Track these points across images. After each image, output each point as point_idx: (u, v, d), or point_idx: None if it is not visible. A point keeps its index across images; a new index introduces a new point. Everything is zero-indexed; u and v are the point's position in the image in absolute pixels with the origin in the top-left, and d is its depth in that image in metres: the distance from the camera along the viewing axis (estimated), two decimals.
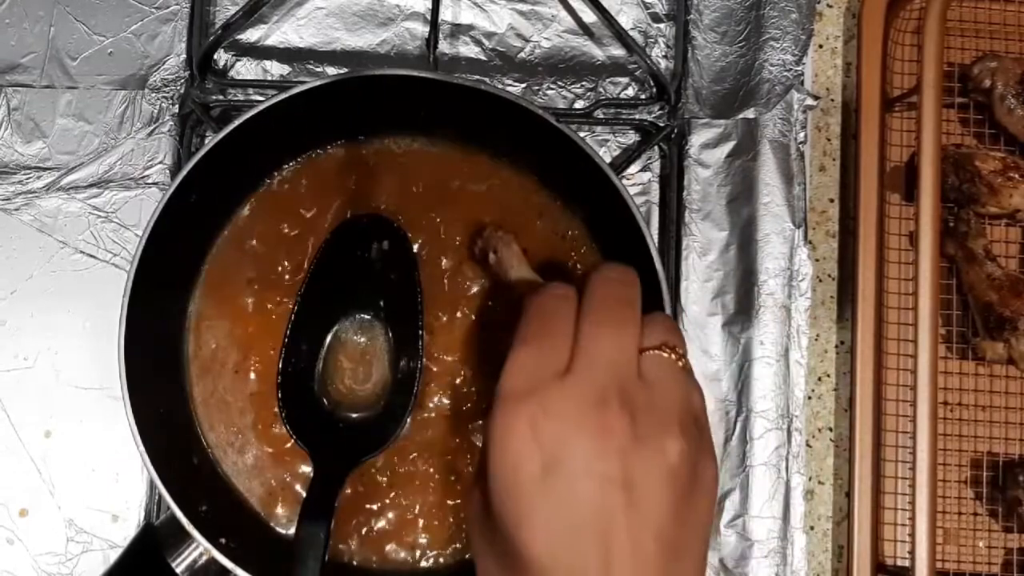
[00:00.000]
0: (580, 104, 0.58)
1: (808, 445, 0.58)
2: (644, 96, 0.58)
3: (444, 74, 0.53)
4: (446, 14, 0.58)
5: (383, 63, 0.58)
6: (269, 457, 0.51)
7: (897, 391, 0.57)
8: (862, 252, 0.56)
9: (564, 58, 0.59)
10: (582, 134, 0.53)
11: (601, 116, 0.57)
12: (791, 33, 0.58)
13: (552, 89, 0.58)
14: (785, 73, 0.57)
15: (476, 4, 0.59)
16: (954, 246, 0.58)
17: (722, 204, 0.57)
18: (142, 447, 0.46)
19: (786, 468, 0.54)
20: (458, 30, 0.59)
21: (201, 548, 0.46)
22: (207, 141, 0.48)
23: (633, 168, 0.58)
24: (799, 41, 0.58)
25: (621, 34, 0.57)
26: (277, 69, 0.58)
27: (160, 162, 0.57)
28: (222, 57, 0.58)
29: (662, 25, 0.59)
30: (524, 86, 0.58)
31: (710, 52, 0.58)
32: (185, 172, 0.47)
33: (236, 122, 0.48)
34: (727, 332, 0.56)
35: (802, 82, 0.58)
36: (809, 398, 0.58)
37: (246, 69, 0.58)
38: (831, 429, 0.58)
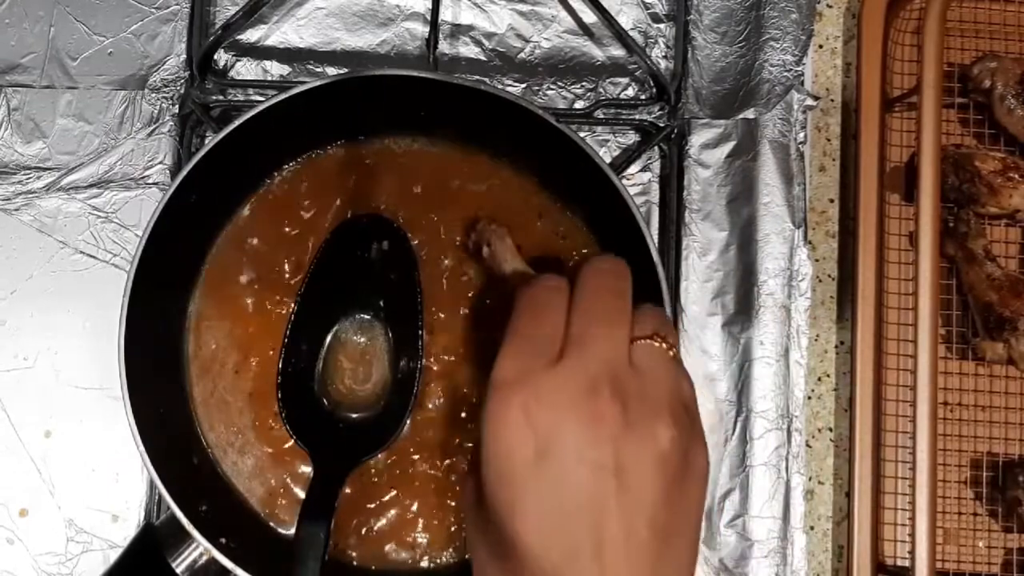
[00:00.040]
0: (580, 104, 0.58)
1: (808, 445, 0.58)
2: (644, 96, 0.58)
3: (444, 74, 0.53)
4: (446, 14, 0.58)
5: (383, 63, 0.58)
6: (269, 457, 0.51)
7: (897, 391, 0.57)
8: (862, 252, 0.56)
9: (564, 58, 0.59)
10: (582, 134, 0.53)
11: (601, 116, 0.57)
12: (791, 33, 0.58)
13: (552, 89, 0.58)
14: (785, 73, 0.57)
15: (476, 4, 0.59)
16: (954, 246, 0.58)
17: (722, 204, 0.57)
18: (142, 447, 0.46)
19: (786, 468, 0.54)
20: (458, 30, 0.59)
21: (201, 548, 0.46)
22: (207, 141, 0.48)
23: (633, 168, 0.58)
24: (799, 41, 0.58)
25: (621, 34, 0.57)
26: (277, 69, 0.58)
27: (160, 162, 0.57)
28: (222, 57, 0.58)
29: (662, 25, 0.59)
30: (524, 86, 0.58)
31: (710, 52, 0.58)
32: (185, 172, 0.47)
33: (236, 122, 0.48)
34: (727, 332, 0.56)
35: (802, 82, 0.58)
36: (809, 398, 0.58)
37: (246, 69, 0.58)
38: (831, 429, 0.58)
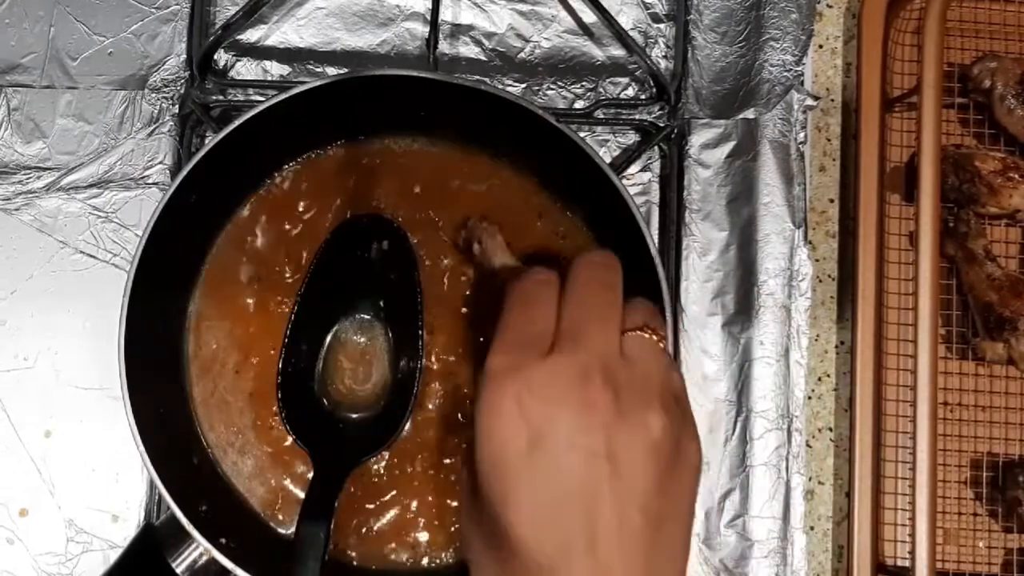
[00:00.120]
0: (580, 104, 0.58)
1: (808, 445, 0.58)
2: (644, 96, 0.58)
3: (444, 74, 0.53)
4: (446, 14, 0.58)
5: (383, 63, 0.58)
6: (269, 457, 0.51)
7: (897, 391, 0.57)
8: (862, 252, 0.56)
9: (564, 58, 0.59)
10: (582, 134, 0.53)
11: (601, 116, 0.57)
12: (791, 33, 0.58)
13: (552, 89, 0.58)
14: (785, 73, 0.57)
15: (476, 4, 0.59)
16: (954, 246, 0.58)
17: (722, 204, 0.57)
18: (142, 447, 0.46)
19: (786, 468, 0.54)
20: (458, 30, 0.59)
21: (201, 548, 0.46)
22: (207, 141, 0.48)
23: (633, 168, 0.58)
24: (799, 41, 0.58)
25: (621, 34, 0.57)
26: (277, 69, 0.58)
27: (160, 162, 0.57)
28: (222, 57, 0.58)
29: (662, 25, 0.59)
30: (524, 86, 0.58)
31: (710, 52, 0.58)
32: (185, 172, 0.47)
33: (236, 122, 0.48)
34: (727, 332, 0.56)
35: (802, 82, 0.58)
36: (809, 398, 0.58)
37: (246, 69, 0.58)
38: (831, 429, 0.58)
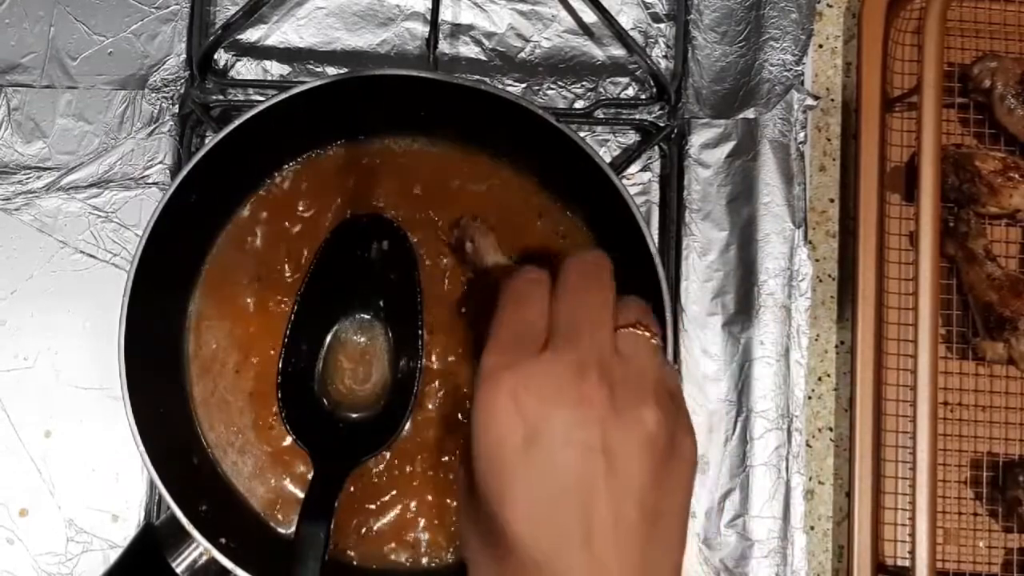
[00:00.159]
0: (580, 104, 0.58)
1: (808, 445, 0.58)
2: (644, 96, 0.58)
3: (444, 74, 0.53)
4: (446, 14, 0.58)
5: (383, 63, 0.58)
6: (269, 457, 0.51)
7: (897, 391, 0.57)
8: (862, 252, 0.56)
9: (564, 58, 0.59)
10: (582, 134, 0.53)
11: (601, 116, 0.57)
12: (791, 33, 0.58)
13: (552, 89, 0.58)
14: (785, 73, 0.57)
15: (476, 4, 0.59)
16: (954, 246, 0.58)
17: (722, 204, 0.57)
18: (142, 447, 0.46)
19: (786, 468, 0.54)
20: (458, 30, 0.59)
21: (201, 548, 0.46)
22: (207, 141, 0.48)
23: (633, 168, 0.58)
24: (799, 41, 0.58)
25: (621, 34, 0.57)
26: (277, 69, 0.58)
27: (160, 162, 0.57)
28: (222, 57, 0.58)
29: (662, 25, 0.59)
30: (524, 86, 0.58)
31: (710, 52, 0.58)
32: (185, 172, 0.47)
33: (236, 122, 0.48)
34: (727, 332, 0.56)
35: (802, 82, 0.58)
36: (809, 398, 0.58)
37: (246, 69, 0.58)
38: (831, 429, 0.58)
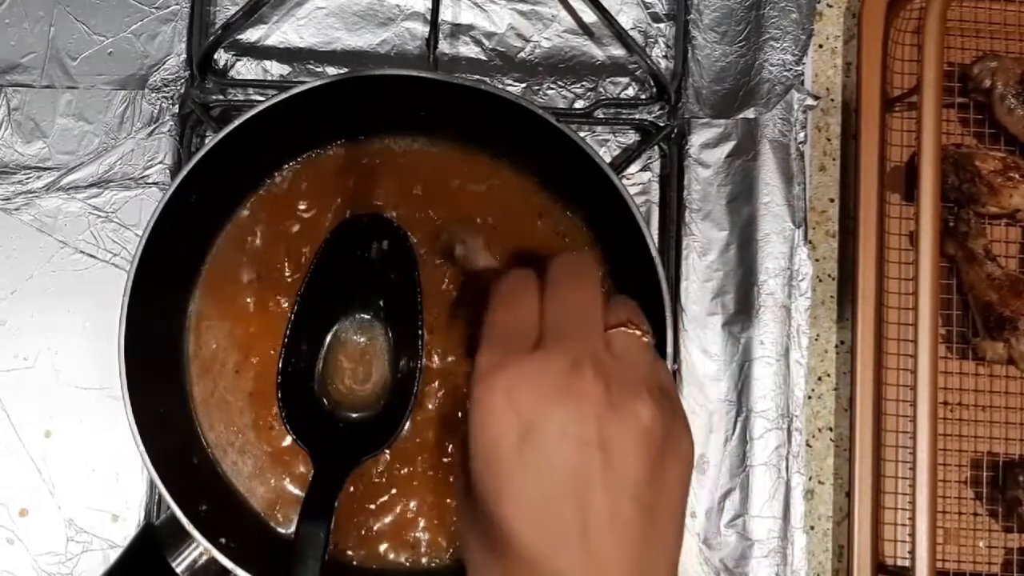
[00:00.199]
0: (580, 104, 0.58)
1: (808, 445, 0.58)
2: (644, 96, 0.58)
3: (444, 74, 0.53)
4: (446, 14, 0.58)
5: (383, 63, 0.58)
6: (269, 457, 0.51)
7: (897, 391, 0.57)
8: (862, 252, 0.56)
9: (564, 58, 0.59)
10: (582, 134, 0.53)
11: (601, 116, 0.57)
12: (791, 33, 0.58)
13: (552, 89, 0.58)
14: (785, 73, 0.57)
15: (476, 4, 0.59)
16: (954, 246, 0.58)
17: (722, 204, 0.57)
18: (142, 447, 0.46)
19: (786, 468, 0.54)
20: (458, 30, 0.59)
21: (201, 548, 0.46)
22: (207, 141, 0.48)
23: (633, 168, 0.58)
24: (799, 41, 0.58)
25: (621, 34, 0.57)
26: (277, 69, 0.58)
27: (160, 162, 0.57)
28: (222, 57, 0.58)
29: (662, 25, 0.59)
30: (524, 86, 0.58)
31: (710, 52, 0.58)
32: (185, 172, 0.47)
33: (236, 122, 0.48)
34: (727, 332, 0.56)
35: (802, 82, 0.58)
36: (809, 398, 0.58)
37: (246, 69, 0.58)
38: (831, 429, 0.58)
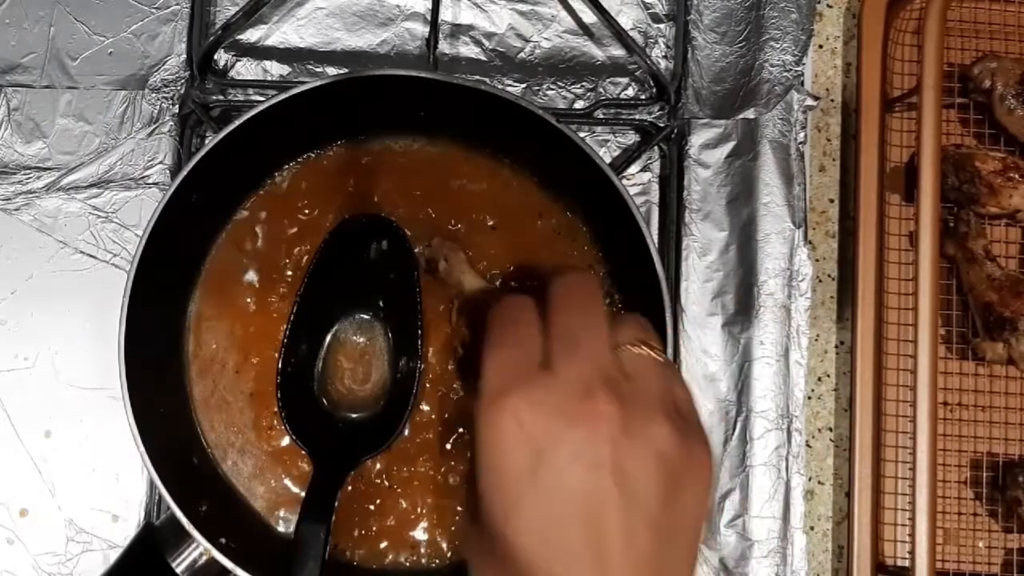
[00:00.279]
0: (580, 104, 0.58)
1: (808, 445, 0.58)
2: (644, 96, 0.58)
3: (444, 74, 0.53)
4: (446, 14, 0.58)
5: (383, 63, 0.58)
6: (269, 457, 0.51)
7: (897, 391, 0.57)
8: (862, 252, 0.56)
9: (564, 58, 0.59)
10: (582, 134, 0.53)
11: (601, 116, 0.57)
12: (791, 33, 0.58)
13: (552, 89, 0.58)
14: (785, 73, 0.57)
15: (476, 4, 0.59)
16: (954, 246, 0.58)
17: (722, 204, 0.57)
18: (142, 447, 0.46)
19: (786, 468, 0.54)
20: (458, 30, 0.59)
21: (201, 548, 0.46)
22: (207, 141, 0.48)
23: (633, 168, 0.58)
24: (799, 41, 0.58)
25: (621, 34, 0.57)
26: (277, 69, 0.58)
27: (160, 162, 0.57)
28: (222, 57, 0.58)
29: (662, 25, 0.59)
30: (524, 86, 0.58)
31: (710, 52, 0.58)
32: (185, 172, 0.47)
33: (236, 122, 0.48)
34: (727, 332, 0.56)
35: (802, 82, 0.57)
36: (809, 398, 0.58)
37: (246, 69, 0.58)
38: (831, 429, 0.58)
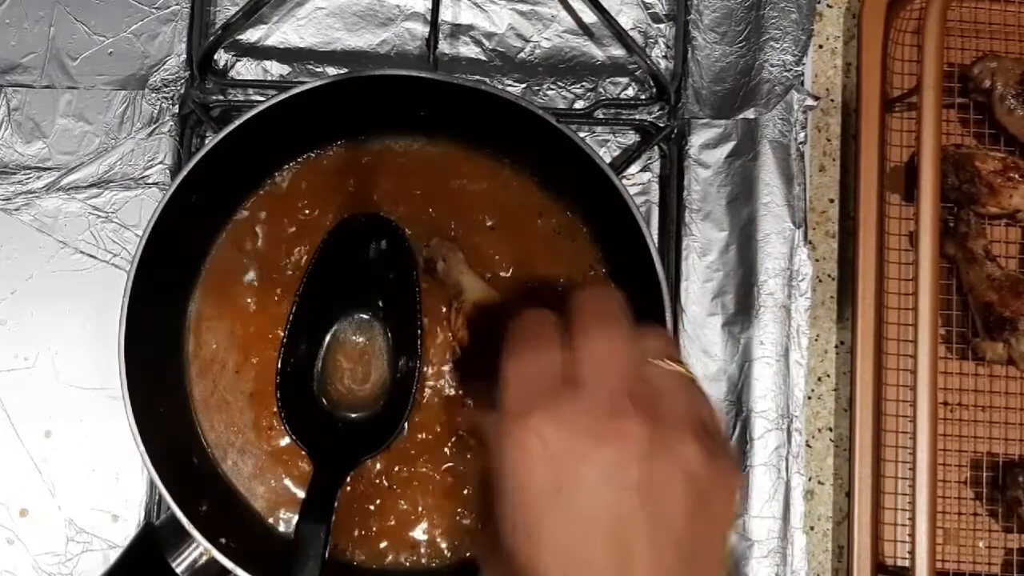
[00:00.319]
0: (580, 104, 0.58)
1: (808, 445, 0.58)
2: (644, 96, 0.58)
3: (444, 74, 0.53)
4: (446, 14, 0.58)
5: (383, 63, 0.58)
6: (269, 457, 0.51)
7: (897, 391, 0.57)
8: (862, 252, 0.56)
9: (564, 58, 0.59)
10: (582, 134, 0.53)
11: (601, 116, 0.57)
12: (791, 33, 0.58)
13: (552, 89, 0.58)
14: (785, 73, 0.57)
15: (476, 4, 0.59)
16: (954, 246, 0.58)
17: (722, 204, 0.57)
18: (142, 447, 0.46)
19: (786, 468, 0.54)
20: (458, 30, 0.59)
21: (201, 548, 0.46)
22: (207, 141, 0.48)
23: (633, 168, 0.58)
24: (799, 41, 0.58)
25: (621, 34, 0.57)
26: (277, 69, 0.58)
27: (160, 162, 0.57)
28: (222, 57, 0.58)
29: (662, 25, 0.59)
30: (524, 86, 0.58)
31: (710, 52, 0.58)
32: (185, 172, 0.47)
33: (236, 122, 0.48)
34: (727, 332, 0.56)
35: (802, 82, 0.57)
36: (809, 398, 0.58)
37: (246, 69, 0.58)
38: (831, 429, 0.58)
